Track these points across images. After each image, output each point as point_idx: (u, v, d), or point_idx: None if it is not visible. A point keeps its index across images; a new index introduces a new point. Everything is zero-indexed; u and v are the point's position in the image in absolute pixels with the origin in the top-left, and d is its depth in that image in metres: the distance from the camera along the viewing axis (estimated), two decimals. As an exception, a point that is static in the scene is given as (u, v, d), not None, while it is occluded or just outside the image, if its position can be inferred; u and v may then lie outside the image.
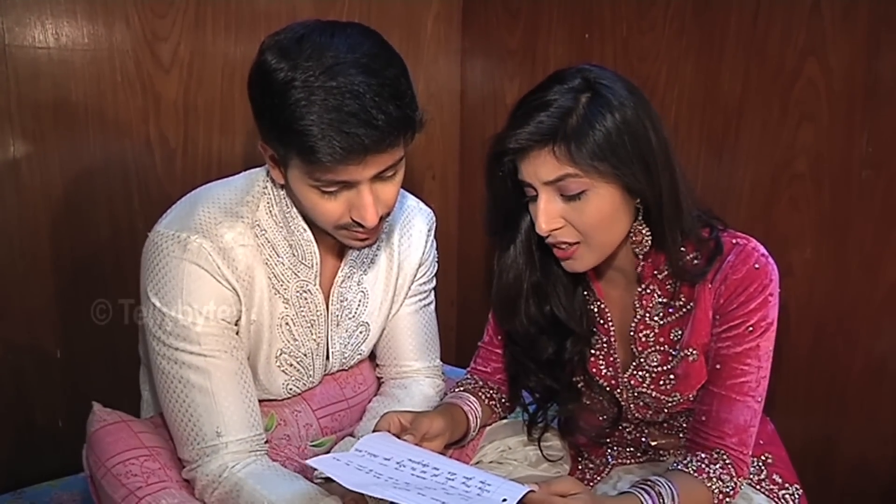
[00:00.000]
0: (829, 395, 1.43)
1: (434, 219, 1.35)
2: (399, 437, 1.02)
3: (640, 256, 1.08)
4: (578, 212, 1.01)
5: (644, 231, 1.06)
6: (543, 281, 1.15)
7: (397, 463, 0.94)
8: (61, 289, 1.50)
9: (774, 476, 1.15)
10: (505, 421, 1.31)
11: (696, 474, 1.03)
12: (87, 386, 1.54)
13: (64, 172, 1.47)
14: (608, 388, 1.17)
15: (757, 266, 1.05)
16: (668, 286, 1.10)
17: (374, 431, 1.06)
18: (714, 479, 1.03)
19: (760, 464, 1.16)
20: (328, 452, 1.17)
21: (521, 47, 1.87)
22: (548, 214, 1.02)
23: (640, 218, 1.05)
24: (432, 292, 1.37)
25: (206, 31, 1.57)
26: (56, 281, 1.49)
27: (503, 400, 1.29)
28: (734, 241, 1.08)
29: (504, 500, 0.85)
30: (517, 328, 1.17)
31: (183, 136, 1.58)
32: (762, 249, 1.07)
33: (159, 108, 1.54)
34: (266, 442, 1.11)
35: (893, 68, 1.27)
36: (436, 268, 1.37)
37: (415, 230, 1.30)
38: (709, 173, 1.53)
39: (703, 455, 1.06)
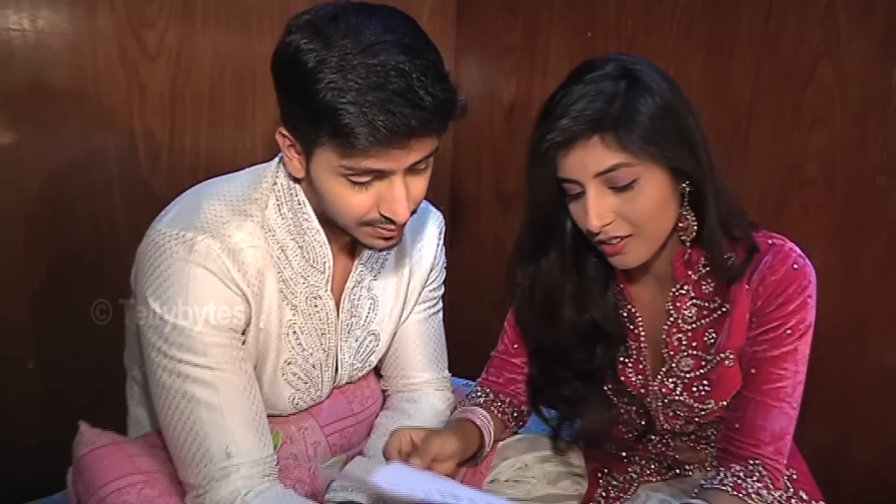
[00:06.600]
0: (840, 403, 1.41)
1: (443, 221, 1.27)
2: (410, 463, 0.98)
3: (688, 244, 1.04)
4: (631, 203, 0.96)
5: (690, 217, 1.02)
6: (580, 286, 1.10)
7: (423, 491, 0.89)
8: (36, 292, 1.39)
9: (801, 493, 1.11)
10: (518, 436, 1.25)
11: (734, 491, 0.98)
12: (64, 400, 1.44)
13: (40, 166, 1.36)
14: (637, 397, 1.12)
15: (795, 266, 1.01)
16: (703, 287, 1.06)
17: (385, 450, 1.01)
18: (753, 496, 0.98)
19: (786, 480, 1.11)
20: (340, 471, 1.10)
21: (519, 45, 1.82)
22: (599, 209, 0.96)
23: (685, 203, 1.01)
24: (440, 300, 1.30)
25: (195, 19, 1.47)
26: (31, 283, 1.38)
27: (515, 413, 1.23)
28: (770, 241, 1.04)
29: None
30: (557, 339, 1.12)
31: (169, 129, 1.49)
32: (798, 250, 1.04)
33: (144, 98, 1.44)
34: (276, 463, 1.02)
35: (912, 72, 1.26)
36: (444, 273, 1.29)
37: (427, 233, 1.23)
38: (717, 177, 1.50)
39: (737, 468, 1.01)
